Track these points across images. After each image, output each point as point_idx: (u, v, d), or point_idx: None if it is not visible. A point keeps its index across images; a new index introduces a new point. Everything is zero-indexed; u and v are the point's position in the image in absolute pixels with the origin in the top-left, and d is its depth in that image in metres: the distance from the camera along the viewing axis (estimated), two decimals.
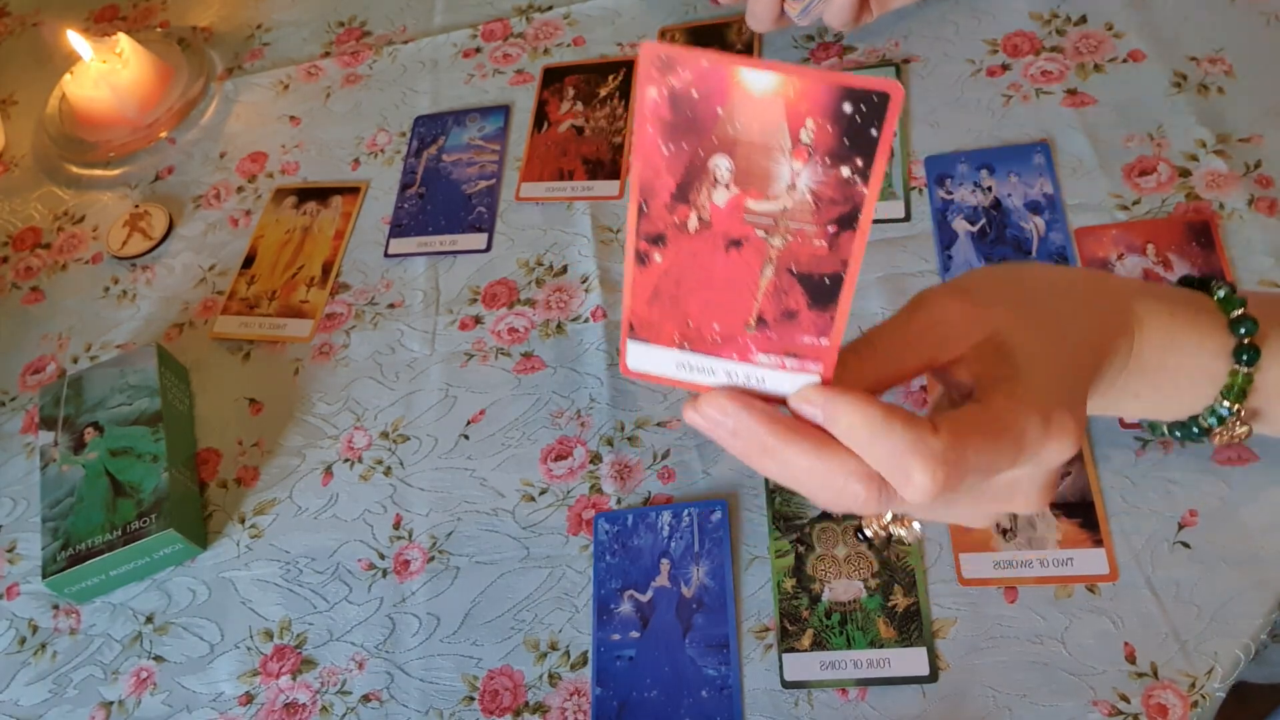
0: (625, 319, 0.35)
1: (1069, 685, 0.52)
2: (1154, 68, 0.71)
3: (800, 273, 0.32)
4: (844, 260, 0.32)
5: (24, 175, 0.93)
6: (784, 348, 0.34)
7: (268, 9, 0.98)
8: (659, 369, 0.36)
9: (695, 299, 0.34)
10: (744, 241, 0.32)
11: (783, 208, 0.31)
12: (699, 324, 0.35)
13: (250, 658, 0.62)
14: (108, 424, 0.68)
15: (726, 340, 0.35)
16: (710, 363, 0.35)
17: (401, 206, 0.80)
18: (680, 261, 0.33)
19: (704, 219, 0.32)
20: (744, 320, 0.34)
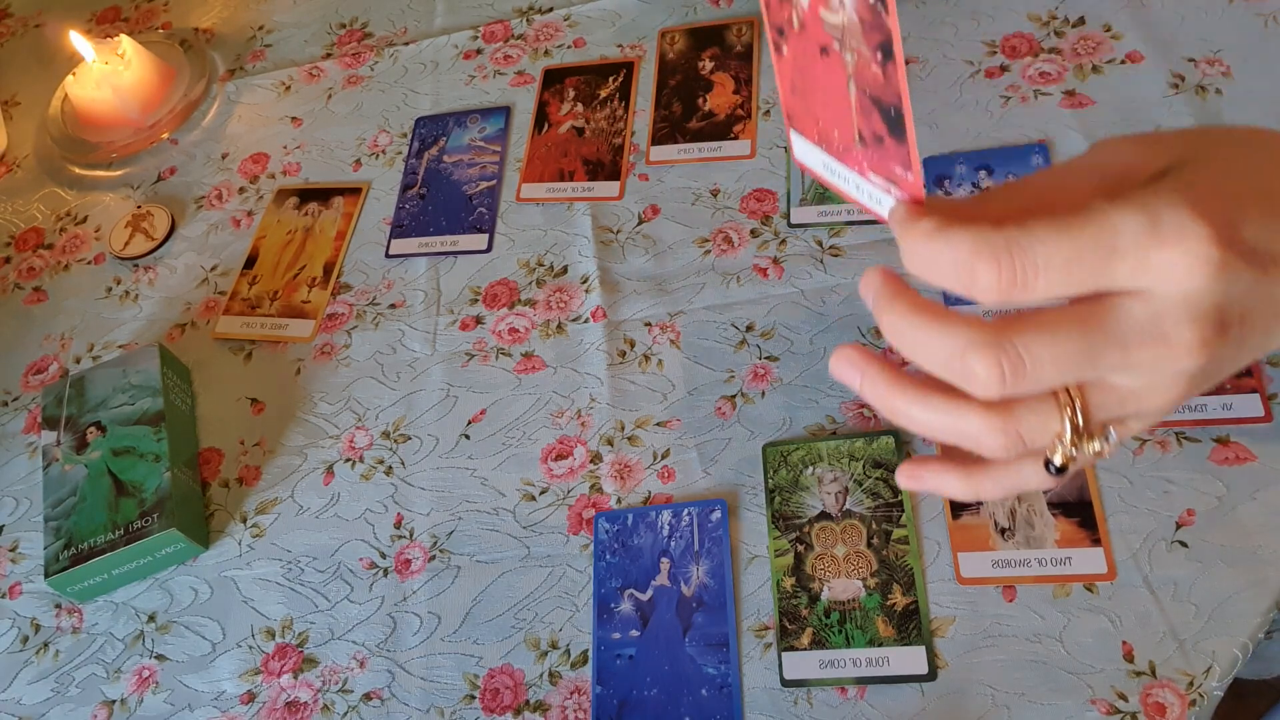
0: (784, 109, 0.38)
1: (1067, 684, 0.52)
2: (1152, 69, 0.71)
3: (873, 95, 0.32)
4: (897, 92, 0.31)
5: (26, 176, 0.93)
6: (885, 172, 0.34)
7: (269, 10, 0.98)
8: (813, 164, 0.38)
9: (816, 100, 0.35)
10: (829, 50, 0.33)
11: (843, 22, 0.32)
12: (825, 126, 0.36)
13: (252, 656, 0.62)
14: (110, 424, 0.68)
15: (847, 150, 0.35)
16: (844, 170, 0.36)
17: (403, 207, 0.80)
18: (797, 58, 0.35)
19: (800, 20, 0.33)
20: (852, 134, 0.34)
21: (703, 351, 0.67)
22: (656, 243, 0.73)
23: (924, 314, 0.32)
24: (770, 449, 0.62)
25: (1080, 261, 0.29)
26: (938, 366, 0.32)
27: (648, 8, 0.86)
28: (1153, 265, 0.29)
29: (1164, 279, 0.29)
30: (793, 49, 0.35)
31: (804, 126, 0.37)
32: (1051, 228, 0.29)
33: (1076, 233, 0.29)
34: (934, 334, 0.31)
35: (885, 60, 0.31)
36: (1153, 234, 0.28)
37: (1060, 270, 0.29)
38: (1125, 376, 0.31)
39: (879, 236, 0.69)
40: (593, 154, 0.79)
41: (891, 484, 0.59)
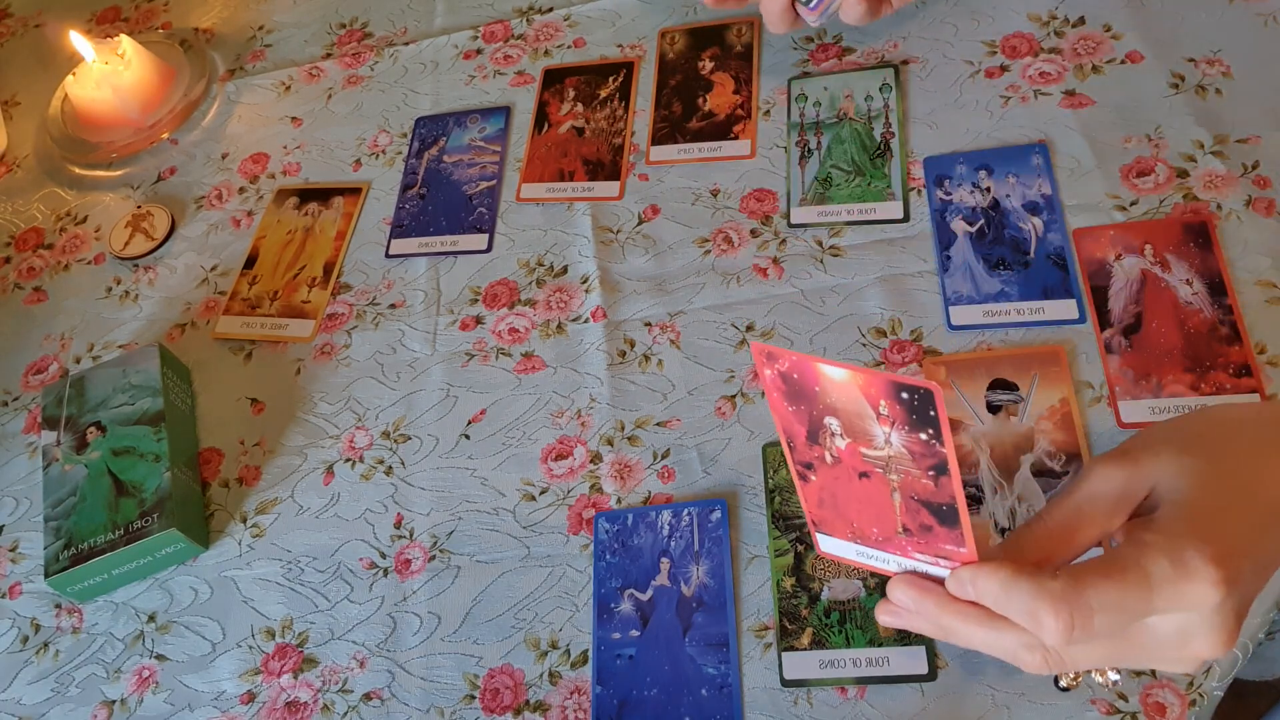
0: (809, 517, 0.44)
1: None
2: (1152, 69, 0.71)
3: (921, 499, 0.38)
4: (951, 494, 0.37)
5: (26, 176, 0.93)
6: (933, 552, 0.40)
7: (269, 10, 0.98)
8: (843, 553, 0.44)
9: (850, 509, 0.41)
10: (870, 474, 0.38)
11: (889, 455, 0.37)
12: (861, 527, 0.41)
13: (252, 656, 0.62)
14: (110, 424, 0.68)
15: (887, 540, 0.41)
16: (881, 554, 0.42)
17: (403, 207, 0.80)
18: (829, 483, 0.40)
19: (835, 456, 0.39)
20: (894, 528, 0.40)
21: (703, 351, 0.67)
22: (656, 243, 0.73)
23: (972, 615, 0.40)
24: (770, 449, 0.62)
25: (1128, 603, 0.37)
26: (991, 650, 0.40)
27: (648, 8, 0.86)
28: (1180, 597, 0.37)
29: (1188, 607, 0.37)
30: (823, 477, 0.40)
31: (833, 529, 0.42)
32: (1099, 577, 0.37)
33: (1123, 584, 0.37)
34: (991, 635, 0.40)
35: (939, 476, 0.36)
36: (1179, 572, 0.37)
37: (1113, 613, 0.37)
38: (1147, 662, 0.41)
39: (879, 236, 0.69)
40: (593, 154, 0.79)
41: None
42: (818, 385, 0.36)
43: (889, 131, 0.73)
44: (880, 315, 0.66)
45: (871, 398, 0.35)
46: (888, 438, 0.36)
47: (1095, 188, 0.67)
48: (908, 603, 0.41)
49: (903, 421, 0.35)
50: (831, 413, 0.37)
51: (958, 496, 0.37)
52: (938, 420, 0.35)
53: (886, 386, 0.35)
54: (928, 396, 0.34)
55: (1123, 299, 0.62)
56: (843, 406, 0.36)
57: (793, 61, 0.79)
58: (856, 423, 0.37)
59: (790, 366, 0.37)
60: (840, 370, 0.36)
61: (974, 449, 0.59)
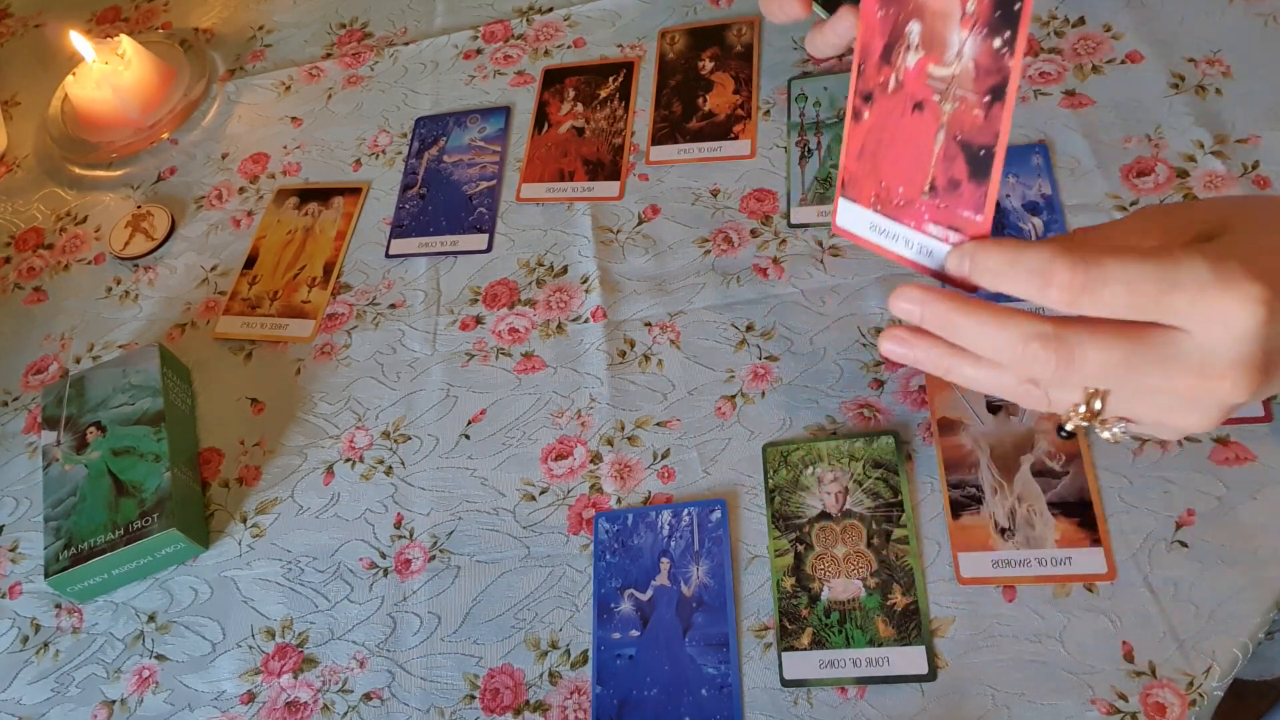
0: (840, 177, 0.42)
1: (1067, 684, 0.52)
2: (1152, 69, 0.71)
3: (963, 140, 0.36)
4: (995, 132, 0.35)
5: (26, 176, 0.93)
6: (949, 219, 0.38)
7: (269, 10, 0.98)
8: (858, 229, 0.42)
9: (888, 157, 0.39)
10: (924, 104, 0.37)
11: (953, 73, 0.36)
12: (889, 184, 0.39)
13: (252, 656, 0.62)
14: (110, 424, 0.68)
15: (907, 205, 0.39)
16: (895, 228, 0.40)
17: (403, 207, 0.80)
18: (881, 120, 0.39)
19: (899, 79, 0.38)
20: (921, 185, 0.38)
21: (703, 351, 0.67)
22: (656, 243, 0.73)
23: (984, 310, 0.36)
24: (770, 449, 0.62)
25: (1144, 283, 0.32)
26: (1002, 353, 0.35)
27: (648, 8, 0.86)
28: (1208, 307, 0.32)
29: (1217, 321, 0.32)
30: (878, 110, 0.39)
31: (859, 191, 0.41)
32: (1123, 253, 0.33)
33: (1145, 261, 0.33)
34: (997, 325, 0.35)
35: (994, 102, 0.35)
36: (1215, 280, 0.32)
37: (1125, 286, 0.32)
38: (1161, 396, 0.35)
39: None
40: (593, 154, 0.79)
41: (891, 484, 0.59)
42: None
43: None
44: (880, 315, 0.66)
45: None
46: (961, 48, 0.35)
47: (1095, 188, 0.67)
48: (913, 309, 0.37)
49: (985, 20, 0.35)
50: (918, 14, 0.36)
51: (1003, 132, 0.35)
52: (1019, 19, 0.34)
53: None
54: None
55: None
56: (931, 6, 0.36)
57: (793, 61, 0.79)
58: (938, 28, 0.36)
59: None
60: None
61: (974, 449, 0.59)
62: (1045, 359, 0.34)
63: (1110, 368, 0.34)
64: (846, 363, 0.64)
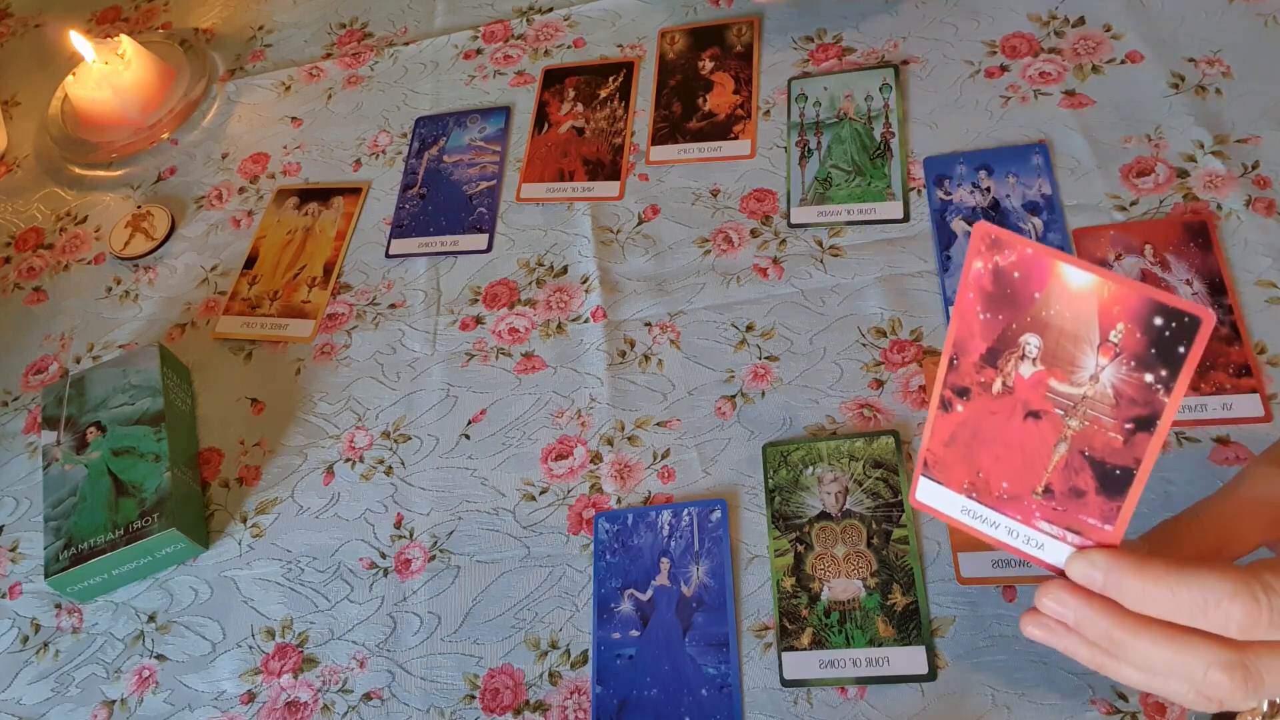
0: (921, 456, 0.39)
1: (1067, 684, 0.52)
2: (1152, 69, 0.71)
3: (1093, 458, 0.34)
4: (1138, 458, 0.33)
5: (26, 176, 0.93)
6: (1067, 522, 0.35)
7: (269, 11, 0.98)
8: (944, 508, 0.39)
9: (988, 453, 0.37)
10: (1043, 415, 0.35)
11: (1084, 394, 0.33)
12: (988, 477, 0.37)
13: (252, 656, 0.62)
14: (110, 424, 0.68)
15: (1012, 500, 0.37)
16: (994, 516, 0.38)
17: (403, 207, 0.80)
18: (979, 417, 0.36)
19: (1008, 385, 0.35)
20: (1032, 486, 0.36)
21: (703, 351, 0.67)
22: (656, 243, 0.73)
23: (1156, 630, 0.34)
24: (770, 449, 0.62)
25: None
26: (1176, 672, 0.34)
27: (647, 8, 0.86)
28: None
29: None
30: (976, 407, 0.36)
31: (947, 475, 0.38)
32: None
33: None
34: (1172, 649, 0.34)
35: (1138, 431, 0.33)
36: None
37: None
38: None
39: (879, 237, 0.69)
40: (593, 154, 0.79)
41: (891, 484, 0.59)
42: (1041, 291, 0.32)
43: (889, 131, 0.73)
44: (880, 315, 0.66)
45: (1110, 317, 0.31)
46: (1097, 373, 0.32)
47: (1095, 188, 0.67)
48: (1065, 613, 0.35)
49: (1135, 355, 0.31)
50: (1039, 329, 0.33)
51: (1147, 460, 0.32)
52: (1183, 361, 0.30)
53: (1144, 306, 0.30)
54: (1193, 325, 0.30)
55: None
56: (1058, 324, 0.32)
57: (793, 61, 0.79)
58: (1066, 347, 0.32)
59: (1019, 262, 0.32)
60: (1085, 275, 0.31)
61: None
62: (1230, 688, 0.34)
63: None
64: (846, 363, 0.64)
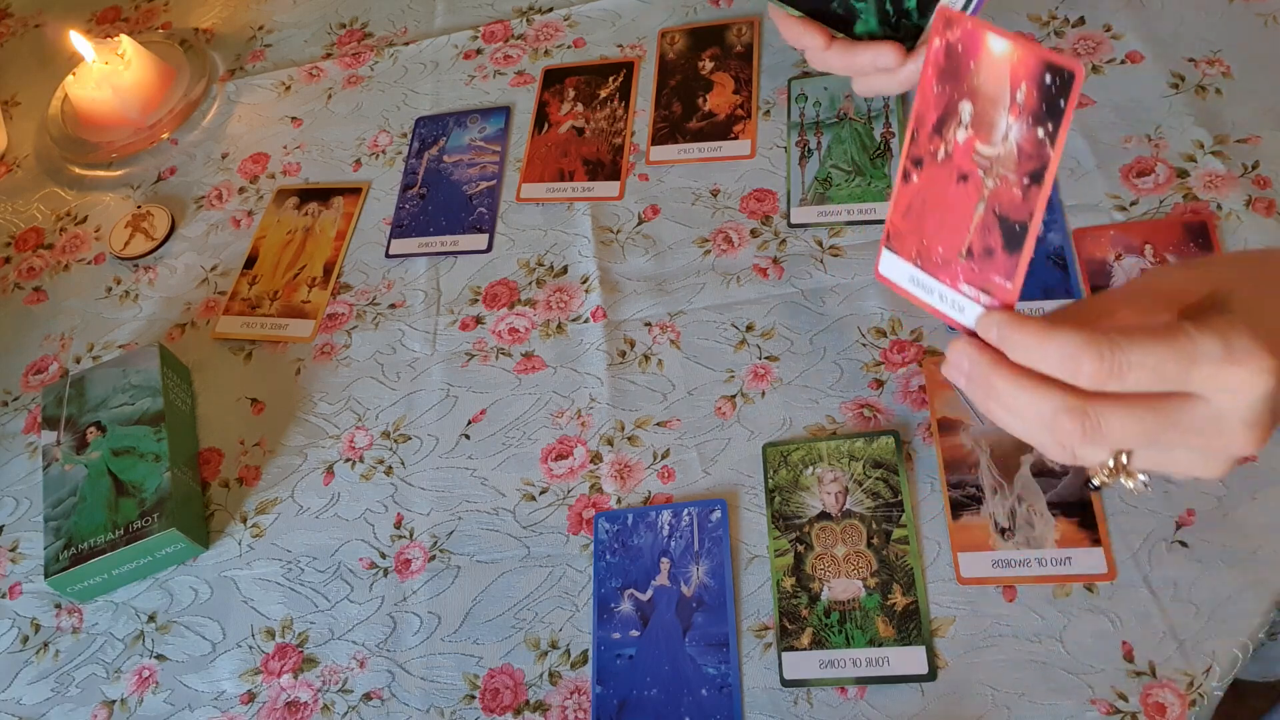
0: (885, 229, 0.44)
1: (1067, 684, 0.52)
2: (1152, 69, 0.71)
3: (1000, 214, 0.39)
4: (1031, 210, 0.38)
5: (26, 176, 0.93)
6: (981, 282, 0.40)
7: (269, 11, 0.98)
8: (898, 279, 0.44)
9: (931, 220, 0.42)
10: (969, 177, 0.40)
11: (998, 154, 0.39)
12: (930, 243, 0.42)
13: (252, 656, 0.62)
14: (110, 424, 0.68)
15: (945, 264, 0.42)
16: (932, 283, 0.43)
17: (403, 207, 0.80)
18: (928, 185, 0.42)
19: (948, 151, 0.40)
20: (959, 248, 0.41)
21: (703, 351, 0.67)
22: (656, 243, 0.73)
23: (1020, 377, 0.39)
24: (770, 449, 0.62)
25: (1166, 366, 0.36)
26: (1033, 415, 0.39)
27: (647, 8, 0.86)
28: (1224, 380, 0.36)
29: (1230, 391, 0.37)
30: (926, 176, 0.42)
31: (902, 245, 0.44)
32: (1146, 336, 0.36)
33: (1165, 344, 0.36)
34: (1029, 394, 0.39)
35: (1032, 184, 0.38)
36: (1227, 355, 0.36)
37: (1149, 370, 0.36)
38: (1179, 453, 0.39)
39: (876, 236, 0.69)
40: (593, 154, 0.79)
41: (891, 484, 0.59)
42: (975, 60, 0.38)
43: (889, 131, 0.73)
44: (880, 315, 0.66)
45: (1016, 78, 0.37)
46: (1007, 132, 0.38)
47: (1095, 188, 0.67)
48: (963, 362, 0.41)
49: (1032, 112, 0.37)
50: (972, 96, 0.39)
51: (1036, 212, 0.38)
52: (1063, 113, 0.36)
53: (1037, 63, 0.36)
54: (1069, 79, 0.36)
55: None
56: (985, 89, 0.39)
57: (793, 61, 0.79)
58: (988, 111, 0.39)
59: (962, 35, 0.39)
60: (1003, 42, 0.37)
61: (974, 449, 0.59)
62: (1072, 431, 0.38)
63: (1133, 435, 0.38)
64: (846, 363, 0.64)
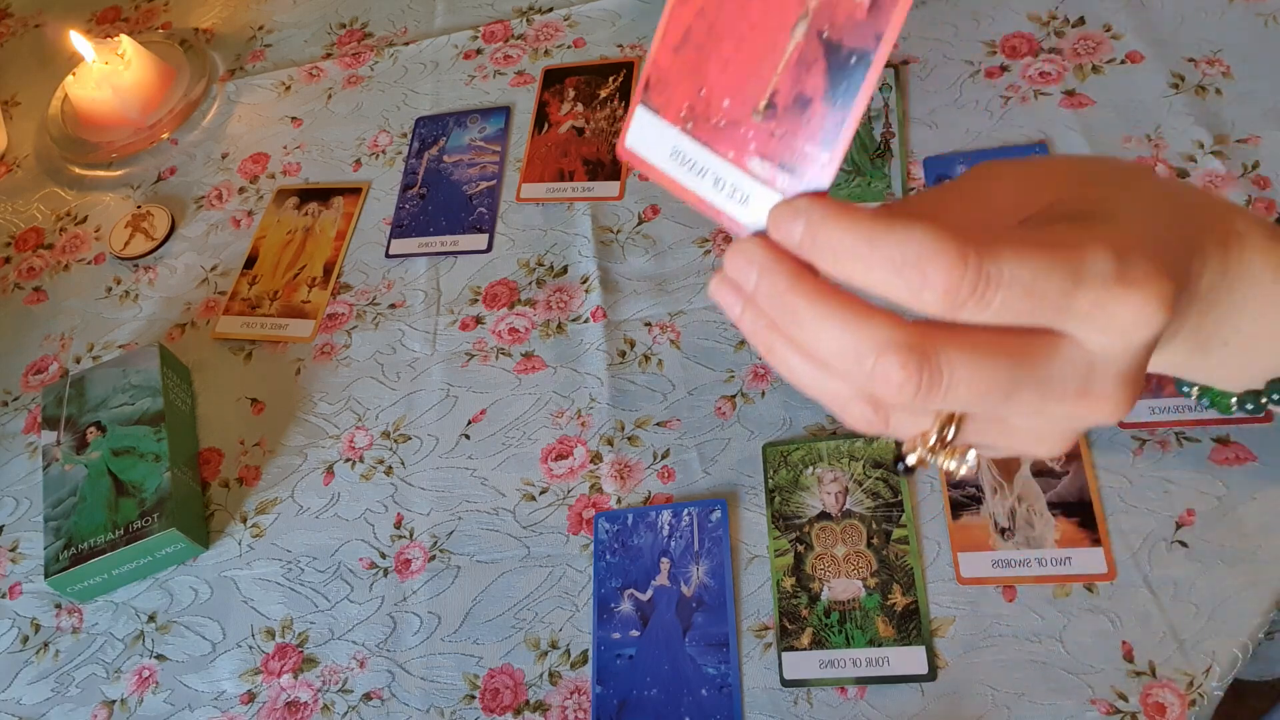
0: (643, 75, 0.31)
1: (1067, 684, 0.52)
2: (1152, 69, 0.71)
3: (830, 39, 0.27)
4: (879, 32, 0.26)
5: (27, 176, 0.93)
6: (783, 153, 0.28)
7: (269, 10, 0.98)
8: (653, 153, 0.31)
9: (719, 53, 0.29)
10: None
11: None
12: (710, 93, 0.30)
13: (252, 656, 0.62)
14: (110, 424, 0.68)
15: (729, 127, 0.29)
16: (705, 157, 0.30)
17: (403, 207, 0.80)
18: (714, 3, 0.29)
19: None
20: (756, 99, 0.29)
21: (703, 351, 0.67)
22: (656, 243, 0.73)
23: (832, 299, 0.27)
24: (770, 449, 0.62)
25: (1047, 284, 0.26)
26: (843, 360, 0.27)
27: (648, 8, 0.86)
28: (1112, 309, 0.26)
29: (1116, 329, 0.27)
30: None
31: (667, 97, 0.30)
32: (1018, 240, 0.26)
33: (1047, 256, 0.26)
34: (842, 324, 0.27)
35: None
36: (1120, 276, 0.26)
37: (1024, 289, 0.26)
38: (1026, 420, 0.29)
39: None
40: (593, 154, 0.79)
41: (892, 484, 0.59)
42: None
43: (889, 131, 0.73)
44: None
45: None
46: None
47: None
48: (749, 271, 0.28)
49: None
50: None
51: (888, 33, 0.26)
52: None
53: None
54: None
55: None
56: None
57: None
58: None
59: None
60: None
61: None
62: (903, 381, 0.26)
63: (981, 392, 0.27)
64: None
